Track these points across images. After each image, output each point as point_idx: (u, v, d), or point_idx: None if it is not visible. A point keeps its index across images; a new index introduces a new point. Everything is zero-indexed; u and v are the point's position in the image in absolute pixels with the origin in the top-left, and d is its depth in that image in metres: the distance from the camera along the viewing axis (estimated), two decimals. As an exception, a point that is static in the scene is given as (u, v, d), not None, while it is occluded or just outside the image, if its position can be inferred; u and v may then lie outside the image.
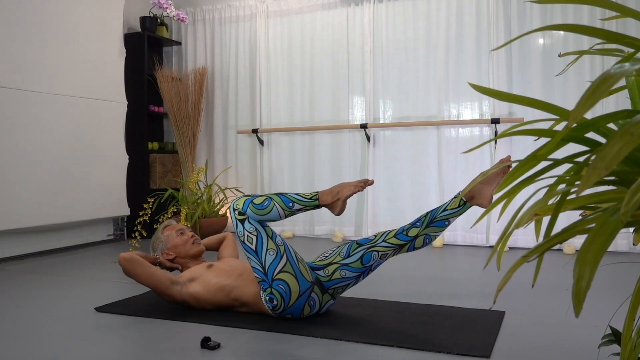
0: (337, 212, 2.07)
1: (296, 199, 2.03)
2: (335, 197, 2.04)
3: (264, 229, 2.01)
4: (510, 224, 0.93)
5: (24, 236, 3.66)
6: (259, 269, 2.01)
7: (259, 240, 2.00)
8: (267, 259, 1.99)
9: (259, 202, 2.00)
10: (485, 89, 1.03)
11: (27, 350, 1.79)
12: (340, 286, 2.09)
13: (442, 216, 2.07)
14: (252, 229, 2.00)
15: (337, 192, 2.05)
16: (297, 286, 1.99)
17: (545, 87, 3.78)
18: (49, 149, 3.71)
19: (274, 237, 2.03)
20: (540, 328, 1.96)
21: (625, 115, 0.86)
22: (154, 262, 2.32)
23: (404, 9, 4.18)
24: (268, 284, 2.00)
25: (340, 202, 2.05)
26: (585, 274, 0.69)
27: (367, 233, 4.22)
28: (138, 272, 2.13)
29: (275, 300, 2.00)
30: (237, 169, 4.83)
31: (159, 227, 2.46)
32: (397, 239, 2.04)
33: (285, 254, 2.01)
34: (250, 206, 2.00)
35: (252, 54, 4.74)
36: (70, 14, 3.88)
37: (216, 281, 2.16)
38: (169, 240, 2.38)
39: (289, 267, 1.99)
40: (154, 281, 2.14)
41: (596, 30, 0.83)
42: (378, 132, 4.28)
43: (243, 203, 2.01)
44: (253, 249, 2.00)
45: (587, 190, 0.82)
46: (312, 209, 2.06)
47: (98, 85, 4.11)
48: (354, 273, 2.05)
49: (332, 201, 2.05)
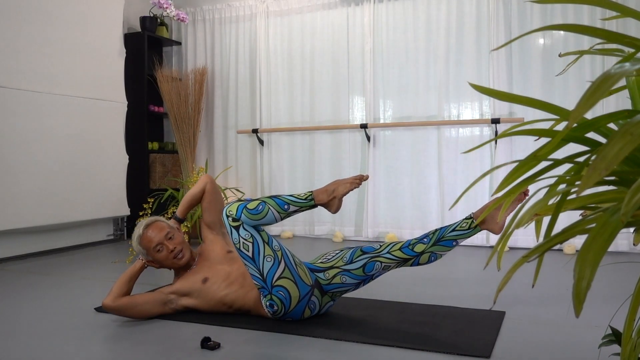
0: (333, 211, 2.03)
1: (291, 201, 1.99)
2: (331, 195, 2.01)
3: (259, 235, 1.95)
4: (510, 224, 0.93)
5: (24, 236, 3.66)
6: (257, 276, 1.96)
7: (255, 247, 1.94)
8: (265, 265, 1.94)
9: (252, 207, 1.95)
10: (485, 89, 1.03)
11: (27, 350, 1.79)
12: (339, 291, 2.07)
13: (451, 236, 2.02)
14: (247, 236, 1.94)
15: (332, 191, 2.01)
16: (297, 291, 1.97)
17: (546, 87, 3.78)
18: (49, 149, 3.71)
19: (270, 242, 1.97)
20: (540, 328, 1.96)
21: (626, 115, 0.86)
22: (142, 269, 2.17)
23: (404, 9, 4.18)
24: (268, 290, 1.97)
25: (336, 200, 2.02)
26: (586, 274, 0.69)
27: (367, 233, 4.22)
28: (129, 315, 2.09)
29: (275, 306, 1.99)
30: (237, 169, 4.83)
31: (135, 233, 2.17)
32: (402, 252, 2.01)
33: (282, 259, 1.96)
34: (244, 212, 1.94)
35: (252, 54, 4.74)
36: (70, 13, 3.88)
37: (215, 296, 2.10)
38: (148, 253, 2.16)
39: (288, 273, 1.96)
40: (149, 314, 2.11)
41: (596, 30, 0.83)
42: (378, 132, 4.28)
43: (236, 209, 1.94)
44: (250, 256, 1.94)
45: (588, 190, 0.81)
46: (308, 209, 2.03)
47: (98, 85, 4.11)
48: (354, 280, 2.02)
49: (328, 200, 2.02)
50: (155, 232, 2.15)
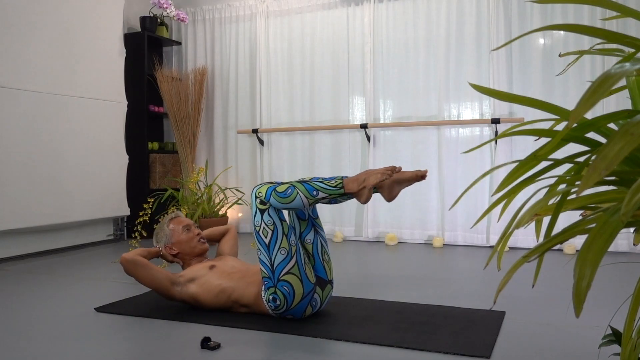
0: (363, 201, 1.98)
1: (320, 187, 1.96)
2: (361, 185, 1.96)
3: (281, 225, 1.97)
4: (510, 224, 0.93)
5: (24, 236, 3.66)
6: (267, 264, 1.98)
7: (274, 235, 1.96)
8: (277, 257, 1.96)
9: (281, 190, 1.95)
10: (485, 89, 1.03)
11: (27, 350, 1.79)
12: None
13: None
14: (269, 222, 1.96)
15: (362, 180, 1.96)
16: (301, 289, 1.99)
17: (546, 87, 3.78)
18: (49, 149, 3.71)
19: (289, 235, 1.99)
20: (540, 328, 1.96)
21: (626, 115, 0.86)
22: (156, 255, 2.30)
23: (404, 9, 4.18)
24: (273, 283, 1.98)
25: (366, 190, 1.96)
26: (586, 274, 0.69)
27: (367, 233, 4.22)
28: (139, 274, 2.13)
29: (278, 301, 1.99)
30: (237, 169, 4.83)
31: (165, 218, 2.39)
32: None
33: (295, 255, 1.98)
34: (273, 194, 1.95)
35: (252, 54, 4.74)
36: (70, 14, 3.88)
37: (217, 283, 2.14)
38: (173, 235, 2.33)
39: (296, 270, 1.98)
40: (155, 283, 2.14)
41: (597, 30, 0.83)
42: (378, 132, 4.28)
43: (266, 191, 1.95)
44: (266, 243, 1.96)
45: (588, 191, 0.81)
46: (338, 197, 1.98)
47: (98, 85, 4.11)
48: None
49: (358, 189, 1.96)
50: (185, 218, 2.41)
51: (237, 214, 4.79)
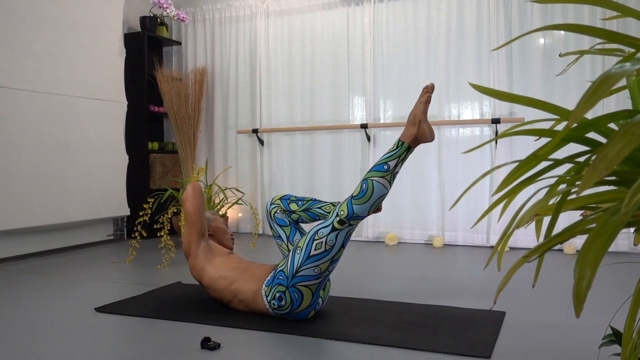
0: (428, 136, 1.93)
1: (386, 158, 1.93)
2: (415, 123, 1.93)
3: (337, 251, 1.95)
4: (510, 224, 0.93)
5: (24, 236, 3.66)
6: (294, 266, 1.96)
7: (323, 254, 1.94)
8: (307, 270, 1.95)
9: (357, 193, 1.92)
10: (485, 88, 1.03)
11: (27, 350, 1.79)
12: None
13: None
14: (331, 242, 1.93)
15: (412, 119, 1.94)
16: (309, 300, 2.01)
17: (546, 87, 3.78)
18: (49, 149, 3.71)
19: (333, 263, 1.98)
20: (540, 328, 1.96)
21: (626, 115, 0.86)
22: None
23: (405, 9, 4.18)
24: (287, 283, 1.98)
25: (422, 123, 1.93)
26: (586, 274, 0.69)
27: (368, 233, 4.22)
28: (196, 204, 2.22)
29: (284, 301, 2.00)
30: (237, 169, 4.83)
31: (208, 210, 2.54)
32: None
33: (323, 279, 2.00)
34: (353, 203, 1.91)
35: (252, 54, 4.74)
36: (70, 13, 3.88)
37: (224, 268, 2.16)
38: (215, 220, 2.47)
39: (315, 287, 2.00)
40: (197, 218, 2.22)
41: (597, 30, 0.83)
42: (378, 132, 4.28)
43: (347, 208, 1.92)
44: (310, 253, 1.94)
45: (588, 191, 0.81)
46: (407, 153, 1.93)
47: (98, 85, 4.11)
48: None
49: (417, 130, 1.93)
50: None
51: (237, 214, 4.79)
